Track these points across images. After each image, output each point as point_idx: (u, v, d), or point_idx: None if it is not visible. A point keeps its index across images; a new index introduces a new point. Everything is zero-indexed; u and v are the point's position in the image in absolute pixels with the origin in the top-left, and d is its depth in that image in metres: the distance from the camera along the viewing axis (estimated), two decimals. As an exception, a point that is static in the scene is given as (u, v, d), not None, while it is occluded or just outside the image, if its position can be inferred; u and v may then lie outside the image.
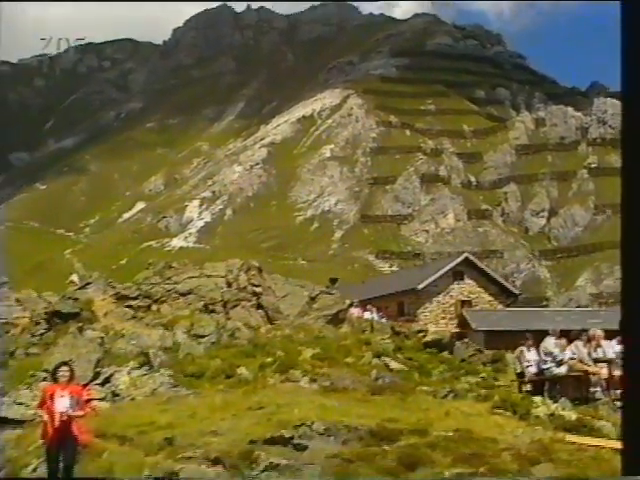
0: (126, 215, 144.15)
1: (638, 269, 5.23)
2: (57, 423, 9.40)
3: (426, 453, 10.56)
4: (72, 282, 43.05)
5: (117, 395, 22.27)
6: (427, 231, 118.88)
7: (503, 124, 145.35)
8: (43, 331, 29.04)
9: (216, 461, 10.67)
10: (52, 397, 9.54)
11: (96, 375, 23.58)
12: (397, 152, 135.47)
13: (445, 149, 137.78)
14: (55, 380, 9.82)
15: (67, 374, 9.80)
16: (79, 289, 34.94)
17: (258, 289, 32.32)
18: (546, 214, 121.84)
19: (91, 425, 11.68)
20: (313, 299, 33.65)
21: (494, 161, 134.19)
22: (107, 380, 23.25)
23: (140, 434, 13.05)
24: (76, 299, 31.34)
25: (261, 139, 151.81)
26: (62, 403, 9.48)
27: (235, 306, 31.13)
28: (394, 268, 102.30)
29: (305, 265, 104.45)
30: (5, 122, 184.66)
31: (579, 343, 17.02)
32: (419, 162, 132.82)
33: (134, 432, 13.19)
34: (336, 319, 32.86)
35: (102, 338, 27.46)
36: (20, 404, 21.96)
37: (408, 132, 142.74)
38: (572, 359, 16.76)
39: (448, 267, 51.86)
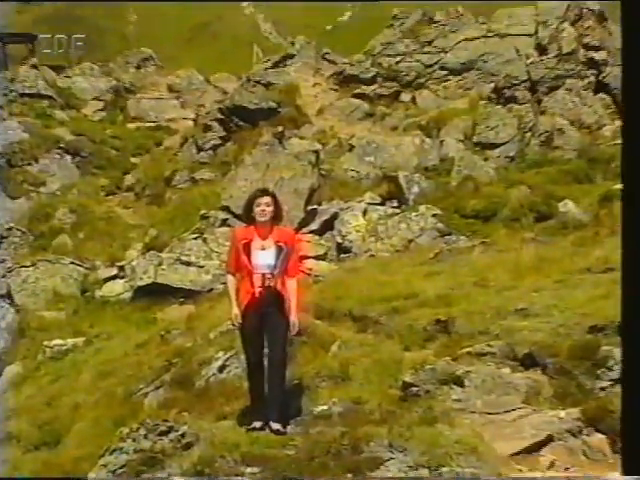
0: None
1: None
2: (257, 290, 9.76)
3: None
4: (258, 57, 44.72)
5: (347, 250, 23.35)
6: None
7: None
8: (218, 142, 30.70)
9: (529, 361, 10.89)
10: (247, 248, 9.85)
11: (309, 215, 24.75)
12: None
13: None
14: (251, 220, 10.07)
15: (270, 210, 9.95)
16: (273, 67, 36.25)
17: (599, 55, 31.82)
18: None
19: (308, 297, 12.26)
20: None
21: None
22: (328, 225, 24.36)
23: (391, 314, 13.61)
24: (268, 85, 32.57)
25: None
26: (264, 258, 9.81)
27: (554, 88, 30.94)
28: None
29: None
30: None
31: None
32: None
33: (381, 310, 13.78)
34: None
35: (316, 152, 28.60)
36: (187, 264, 23.69)
37: None
38: None
39: None
